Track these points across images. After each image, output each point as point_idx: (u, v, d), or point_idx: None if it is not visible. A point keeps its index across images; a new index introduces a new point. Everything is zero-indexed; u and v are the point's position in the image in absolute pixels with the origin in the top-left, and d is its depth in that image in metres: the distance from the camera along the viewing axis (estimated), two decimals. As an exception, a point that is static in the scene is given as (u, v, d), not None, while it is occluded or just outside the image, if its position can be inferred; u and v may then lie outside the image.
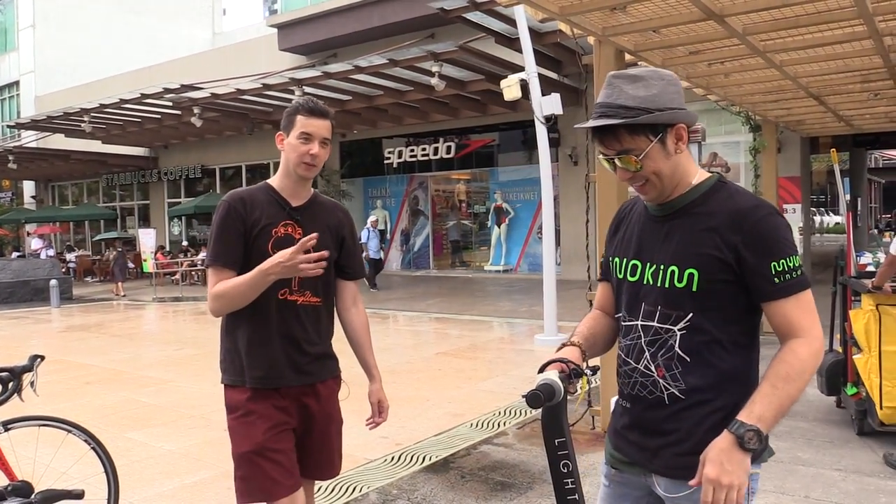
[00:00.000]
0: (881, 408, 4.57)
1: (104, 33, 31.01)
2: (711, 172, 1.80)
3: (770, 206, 1.70)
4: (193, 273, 20.43)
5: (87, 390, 7.19)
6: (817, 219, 31.99)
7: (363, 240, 15.31)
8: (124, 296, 17.50)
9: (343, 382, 2.69)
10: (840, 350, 5.25)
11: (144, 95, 16.63)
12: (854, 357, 4.90)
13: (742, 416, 1.57)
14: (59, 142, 23.36)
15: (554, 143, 13.11)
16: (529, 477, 4.29)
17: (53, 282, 16.19)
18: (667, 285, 1.71)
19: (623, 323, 1.84)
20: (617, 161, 1.70)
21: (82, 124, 18.76)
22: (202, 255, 20.44)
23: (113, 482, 3.36)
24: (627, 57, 5.08)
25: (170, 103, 17.01)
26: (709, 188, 1.74)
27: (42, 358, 3.28)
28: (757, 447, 1.54)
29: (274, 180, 2.52)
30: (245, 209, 2.43)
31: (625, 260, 1.84)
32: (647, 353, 1.75)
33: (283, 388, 2.45)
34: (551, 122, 8.98)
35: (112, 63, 28.22)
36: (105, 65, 28.36)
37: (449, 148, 18.47)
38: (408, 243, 20.18)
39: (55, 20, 30.41)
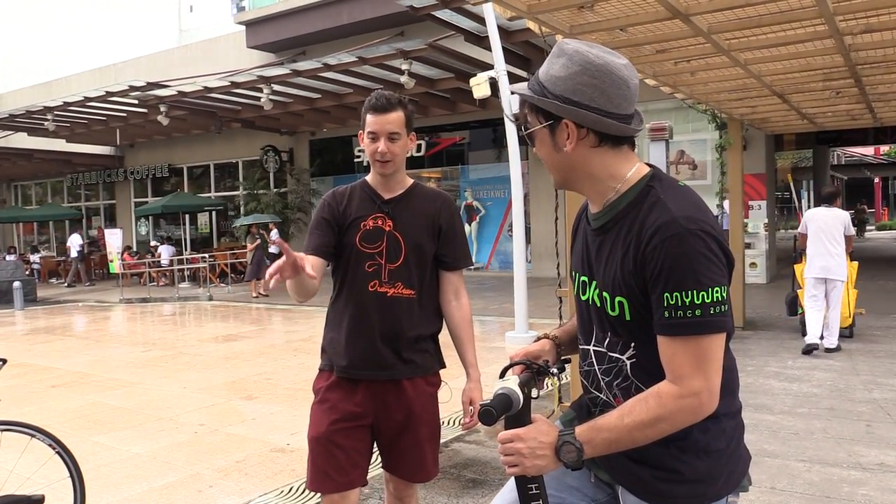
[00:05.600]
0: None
1: (67, 30, 30.44)
2: (649, 166, 1.57)
3: (690, 222, 1.40)
4: (162, 273, 20.11)
5: (52, 394, 7.06)
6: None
7: None
8: (265, 296, 15.65)
9: (444, 383, 2.61)
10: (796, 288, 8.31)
11: (109, 93, 16.33)
12: (798, 291, 7.96)
13: (578, 430, 1.45)
14: (21, 141, 22.87)
15: (524, 141, 13.09)
16: (501, 473, 4.30)
17: (17, 283, 15.87)
18: (606, 311, 1.55)
19: (580, 346, 1.69)
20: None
21: (46, 123, 18.37)
22: (164, 254, 20.17)
23: (79, 487, 3.31)
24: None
25: (136, 101, 16.75)
26: (636, 196, 1.50)
27: (4, 361, 3.21)
28: (569, 463, 1.45)
29: (369, 177, 2.56)
30: (337, 202, 2.50)
31: (577, 274, 1.68)
32: (603, 382, 1.60)
33: (364, 382, 2.43)
34: (521, 120, 9.00)
35: (75, 60, 27.72)
36: (68, 62, 27.83)
37: (419, 146, 18.44)
38: (379, 242, 20.09)
39: (16, 16, 29.77)
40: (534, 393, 1.59)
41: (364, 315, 2.43)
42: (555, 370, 1.66)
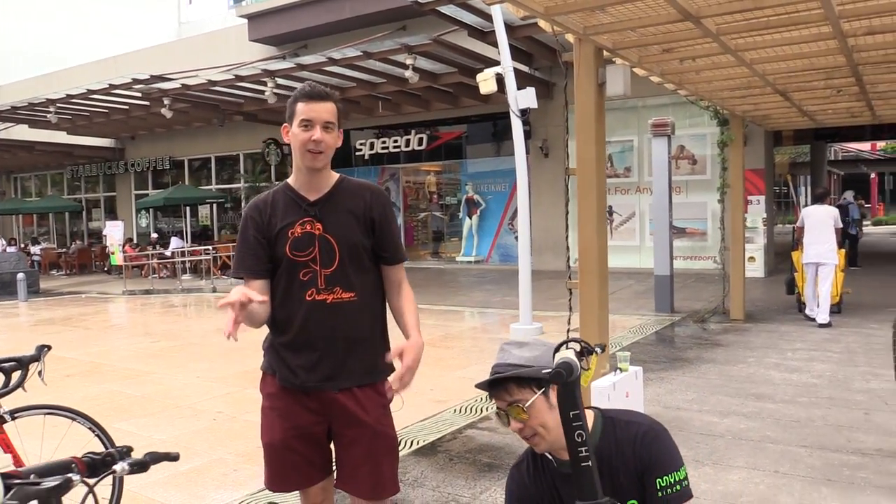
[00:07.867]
0: (802, 296, 9.22)
1: (67, 21, 30.42)
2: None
3: (656, 424, 1.97)
4: (163, 265, 20.20)
5: (68, 383, 7.20)
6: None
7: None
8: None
9: (394, 391, 2.45)
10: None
11: (113, 86, 16.41)
12: (795, 274, 9.51)
13: None
14: (22, 132, 22.91)
15: (526, 136, 13.25)
16: (515, 458, 4.45)
17: (21, 275, 15.97)
18: None
19: None
20: (508, 411, 1.93)
21: (48, 115, 18.43)
22: (172, 246, 20.29)
23: (117, 468, 3.45)
24: (605, 54, 5.26)
25: (139, 94, 16.82)
26: (601, 430, 1.97)
27: (49, 348, 3.38)
28: None
29: (291, 178, 2.43)
30: (261, 215, 2.39)
31: None
32: None
33: (312, 392, 2.36)
34: (525, 115, 9.15)
35: (75, 52, 27.71)
36: (68, 53, 27.82)
37: (420, 140, 18.56)
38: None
39: (16, 7, 29.73)
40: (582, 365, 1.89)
41: (305, 326, 2.34)
42: (598, 350, 1.96)
